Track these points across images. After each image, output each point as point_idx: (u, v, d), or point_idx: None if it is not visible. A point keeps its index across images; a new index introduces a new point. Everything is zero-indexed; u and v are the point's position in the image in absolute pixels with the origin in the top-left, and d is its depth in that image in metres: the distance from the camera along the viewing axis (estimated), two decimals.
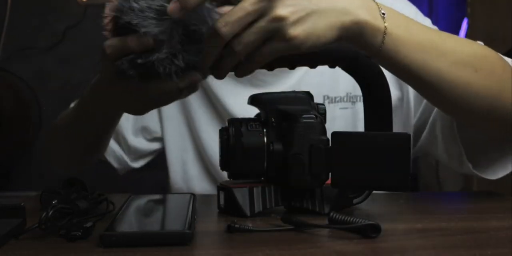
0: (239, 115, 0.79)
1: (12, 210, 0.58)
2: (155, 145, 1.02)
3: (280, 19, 0.56)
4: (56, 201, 0.59)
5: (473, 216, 0.68)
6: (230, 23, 0.55)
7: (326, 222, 0.59)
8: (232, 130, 0.66)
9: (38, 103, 2.10)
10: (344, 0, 0.59)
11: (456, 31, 1.84)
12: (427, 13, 1.94)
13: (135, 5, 0.57)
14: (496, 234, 0.59)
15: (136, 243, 0.53)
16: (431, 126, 0.88)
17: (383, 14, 0.62)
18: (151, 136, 1.01)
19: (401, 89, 0.92)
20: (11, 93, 2.10)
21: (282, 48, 0.57)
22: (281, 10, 0.55)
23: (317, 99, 0.88)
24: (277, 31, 0.56)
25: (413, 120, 0.93)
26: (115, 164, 1.01)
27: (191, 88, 0.62)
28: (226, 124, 0.68)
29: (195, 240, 0.55)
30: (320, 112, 0.68)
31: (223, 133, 0.67)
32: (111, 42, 0.60)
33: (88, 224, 0.57)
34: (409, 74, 0.66)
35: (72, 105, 0.99)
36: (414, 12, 0.95)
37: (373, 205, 0.72)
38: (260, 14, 0.56)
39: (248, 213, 0.66)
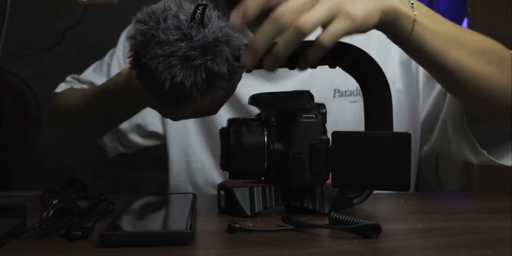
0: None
1: (12, 210, 0.58)
2: (149, 142, 1.03)
3: (338, 3, 0.59)
4: (56, 201, 0.59)
5: (473, 216, 0.68)
6: (289, 12, 0.58)
7: (326, 222, 0.59)
8: (233, 129, 0.66)
9: (38, 103, 2.10)
10: None
11: None
12: None
13: (159, 52, 0.57)
14: (496, 234, 0.59)
15: (137, 243, 0.53)
16: (442, 125, 0.91)
17: (412, 3, 0.67)
18: (145, 133, 1.01)
19: (409, 74, 0.93)
20: (11, 93, 2.09)
21: (347, 26, 0.60)
22: None
23: (328, 93, 0.91)
24: (339, 11, 0.59)
25: (422, 115, 0.96)
26: (108, 144, 1.03)
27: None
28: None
29: (195, 240, 0.55)
30: (321, 112, 0.68)
31: (223, 133, 0.67)
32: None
33: (89, 224, 0.57)
34: (432, 62, 0.70)
35: (70, 79, 1.02)
36: None
37: (374, 205, 0.72)
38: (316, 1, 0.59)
39: (248, 213, 0.66)
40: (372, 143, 0.62)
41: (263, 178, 0.69)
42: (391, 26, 0.66)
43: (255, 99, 0.69)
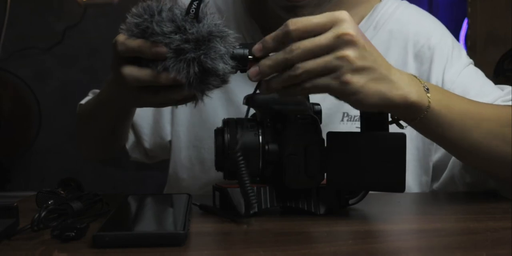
0: None
1: (5, 210, 0.58)
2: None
3: (345, 59, 0.56)
4: (52, 201, 0.59)
5: (470, 217, 0.68)
6: (300, 50, 0.56)
7: (322, 222, 0.59)
8: (227, 130, 0.66)
9: (38, 103, 2.10)
10: (398, 75, 0.60)
11: (456, 31, 1.83)
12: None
13: None
14: (493, 235, 0.58)
15: (129, 244, 0.53)
16: (450, 179, 0.87)
17: (427, 89, 0.63)
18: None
19: None
20: (11, 93, 2.10)
21: (332, 87, 0.57)
22: (351, 52, 0.56)
23: (337, 116, 0.87)
24: (337, 70, 0.56)
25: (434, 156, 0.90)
26: (132, 155, 1.02)
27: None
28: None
29: (189, 241, 0.55)
30: (316, 112, 0.67)
31: (218, 133, 0.67)
32: (131, 72, 0.61)
33: (82, 225, 0.56)
34: (445, 142, 0.70)
35: (90, 94, 1.03)
36: (450, 44, 0.91)
37: (369, 205, 0.71)
38: (331, 49, 0.56)
39: (243, 213, 0.65)
40: (367, 143, 0.62)
41: (258, 179, 0.68)
42: (397, 111, 0.63)
43: (250, 100, 0.68)
